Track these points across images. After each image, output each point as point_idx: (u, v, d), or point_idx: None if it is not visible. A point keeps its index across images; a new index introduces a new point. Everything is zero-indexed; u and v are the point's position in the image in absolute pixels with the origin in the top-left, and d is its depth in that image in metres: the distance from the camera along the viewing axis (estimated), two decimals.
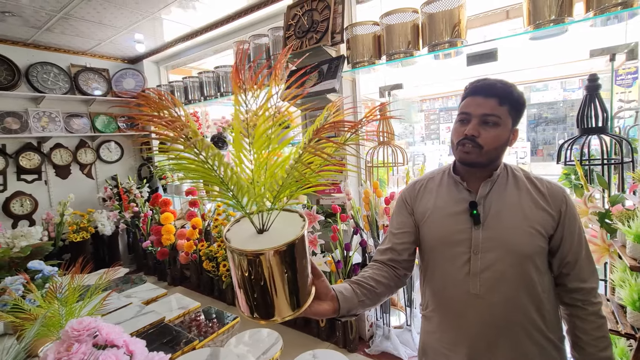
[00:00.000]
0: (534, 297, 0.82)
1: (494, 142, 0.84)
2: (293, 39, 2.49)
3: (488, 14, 3.19)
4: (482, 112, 0.83)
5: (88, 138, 4.02)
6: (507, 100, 0.84)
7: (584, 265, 0.84)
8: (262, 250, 0.60)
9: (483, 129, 0.84)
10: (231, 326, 1.82)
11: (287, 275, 0.63)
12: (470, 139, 0.84)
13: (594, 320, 0.83)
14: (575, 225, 0.85)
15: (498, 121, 0.83)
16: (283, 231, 0.68)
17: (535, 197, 0.85)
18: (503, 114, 0.83)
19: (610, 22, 1.61)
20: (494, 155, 0.86)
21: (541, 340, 0.83)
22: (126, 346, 1.04)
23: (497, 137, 0.84)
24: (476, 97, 0.86)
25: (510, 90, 0.85)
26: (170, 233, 3.28)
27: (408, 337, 2.09)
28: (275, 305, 0.63)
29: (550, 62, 4.97)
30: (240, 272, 0.63)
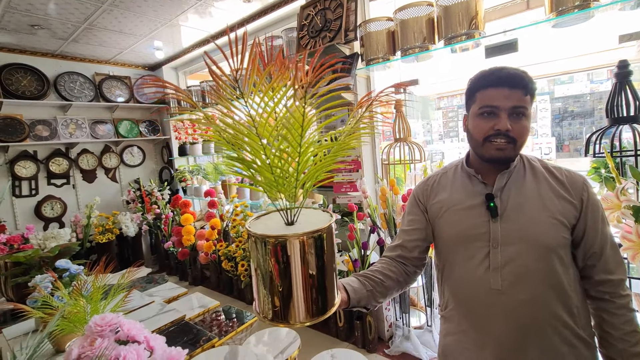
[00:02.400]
0: (561, 291, 0.78)
1: (525, 134, 0.82)
2: (307, 39, 2.49)
3: (507, 5, 3.09)
4: (511, 104, 0.80)
5: (112, 143, 4.17)
6: (530, 91, 0.81)
7: (610, 256, 0.80)
8: (288, 236, 0.55)
9: (514, 122, 0.81)
10: (250, 324, 1.83)
11: (314, 269, 0.57)
12: (505, 134, 0.80)
13: (624, 313, 0.79)
14: (598, 214, 0.81)
15: (525, 112, 0.81)
16: (311, 223, 0.64)
17: (555, 187, 0.82)
18: (528, 104, 0.81)
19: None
20: (522, 147, 0.84)
21: (571, 338, 0.78)
22: (147, 342, 1.06)
23: (527, 128, 0.82)
24: (501, 88, 0.81)
25: (531, 80, 0.82)
26: (190, 234, 3.35)
27: (429, 338, 2.04)
28: (298, 306, 0.57)
29: (575, 53, 4.76)
30: (262, 264, 0.58)
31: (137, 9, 2.77)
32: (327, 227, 0.60)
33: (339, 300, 0.65)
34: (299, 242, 0.56)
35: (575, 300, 0.80)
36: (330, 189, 2.45)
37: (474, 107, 0.85)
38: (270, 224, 0.68)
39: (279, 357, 1.52)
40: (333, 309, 0.62)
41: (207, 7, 2.85)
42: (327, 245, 0.60)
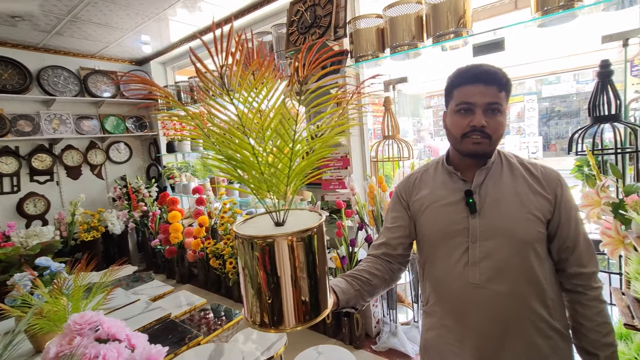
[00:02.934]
0: (536, 284, 0.80)
1: (500, 130, 0.83)
2: (296, 35, 2.47)
3: (496, 5, 3.12)
4: (486, 100, 0.81)
5: (98, 139, 4.09)
6: (505, 87, 0.83)
7: (583, 250, 0.83)
8: (276, 236, 0.53)
9: (489, 118, 0.82)
10: (236, 322, 1.82)
11: (305, 271, 0.55)
12: (480, 130, 0.81)
13: (596, 305, 0.82)
14: (571, 209, 0.84)
15: (500, 108, 0.82)
16: (300, 223, 0.62)
17: (531, 182, 0.84)
18: (503, 100, 0.83)
19: (624, 5, 1.55)
20: (497, 143, 0.85)
21: (547, 330, 0.80)
22: (128, 340, 1.04)
23: (502, 124, 0.83)
24: (477, 85, 0.82)
25: (506, 76, 0.84)
26: (177, 231, 3.31)
27: (415, 334, 2.05)
28: (289, 311, 0.55)
29: (562, 54, 4.85)
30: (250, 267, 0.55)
31: (122, 2, 2.71)
32: (318, 227, 0.58)
33: (331, 302, 0.64)
34: (287, 242, 0.54)
35: (550, 293, 0.82)
36: (318, 186, 2.44)
37: (451, 104, 0.87)
38: (258, 225, 0.65)
39: (266, 354, 1.51)
40: (326, 311, 0.60)
41: (196, 1, 2.81)
42: (318, 246, 0.58)
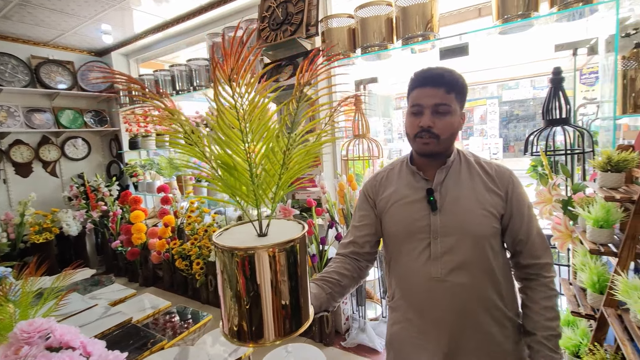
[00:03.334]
0: (492, 276, 0.85)
1: (449, 129, 0.86)
2: (267, 31, 2.44)
3: (461, 11, 3.26)
4: (433, 102, 0.84)
5: (52, 134, 3.80)
6: (454, 88, 0.86)
7: (536, 243, 0.87)
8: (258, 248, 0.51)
9: (437, 119, 0.85)
10: (203, 324, 1.77)
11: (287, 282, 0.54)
12: (427, 130, 0.85)
13: (544, 290, 0.86)
14: (523, 204, 0.88)
15: (449, 109, 0.85)
16: (282, 234, 0.61)
17: (486, 180, 0.89)
18: (452, 101, 0.85)
19: (574, 18, 1.67)
20: (449, 142, 0.89)
21: (502, 319, 0.85)
22: (83, 347, 0.98)
23: (451, 124, 0.86)
24: (425, 87, 0.86)
25: (455, 77, 0.87)
26: (141, 232, 3.15)
27: (384, 329, 2.09)
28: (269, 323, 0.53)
29: (520, 61, 5.16)
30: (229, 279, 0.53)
31: None
32: (300, 238, 0.56)
33: (312, 313, 0.63)
34: (269, 254, 0.52)
35: (504, 284, 0.86)
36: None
37: (408, 107, 0.92)
38: (239, 236, 0.62)
39: (234, 355, 1.48)
40: (307, 323, 0.58)
41: None
42: (300, 257, 0.57)
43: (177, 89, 3.36)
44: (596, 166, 1.12)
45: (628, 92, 1.50)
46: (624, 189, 1.07)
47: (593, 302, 1.11)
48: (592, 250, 1.05)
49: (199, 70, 3.15)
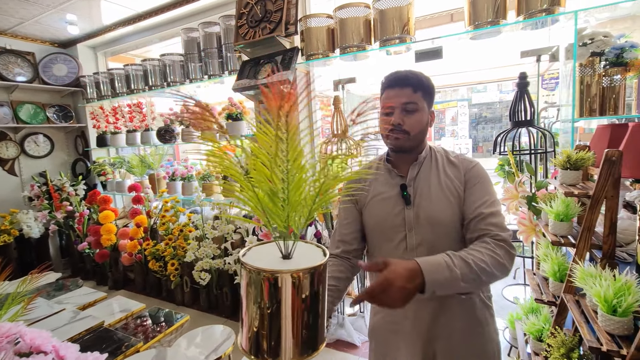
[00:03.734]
0: None
1: (417, 125, 0.93)
2: (245, 28, 2.41)
3: (435, 16, 3.39)
4: (402, 101, 0.92)
5: (9, 130, 3.55)
6: (420, 87, 0.92)
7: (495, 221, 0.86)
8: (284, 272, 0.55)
9: (406, 117, 0.92)
10: (180, 325, 1.73)
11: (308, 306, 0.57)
12: (397, 127, 0.92)
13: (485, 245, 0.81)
14: (479, 180, 0.91)
15: (416, 107, 0.92)
16: (305, 256, 0.63)
17: (452, 170, 0.95)
18: (419, 99, 0.93)
19: (537, 27, 1.78)
20: (420, 138, 0.95)
21: (477, 300, 0.93)
22: (56, 352, 0.94)
23: (419, 121, 0.93)
24: (394, 88, 0.94)
25: (420, 77, 0.94)
26: (110, 233, 3.02)
27: (361, 324, 2.15)
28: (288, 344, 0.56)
29: (488, 66, 5.42)
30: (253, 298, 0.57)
31: None
32: (324, 264, 0.59)
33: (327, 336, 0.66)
34: (294, 278, 0.55)
35: None
36: None
37: (380, 108, 0.97)
38: (263, 255, 0.65)
39: (212, 355, 1.46)
40: (322, 345, 0.61)
41: None
42: (321, 282, 0.60)
43: (150, 85, 3.25)
44: (557, 164, 1.21)
45: (584, 97, 1.63)
46: (581, 185, 1.16)
47: (554, 289, 1.20)
48: (553, 242, 1.13)
49: (173, 66, 3.06)
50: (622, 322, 0.85)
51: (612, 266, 0.98)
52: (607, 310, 0.86)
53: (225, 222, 2.46)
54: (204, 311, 2.59)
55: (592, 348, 0.85)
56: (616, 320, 0.85)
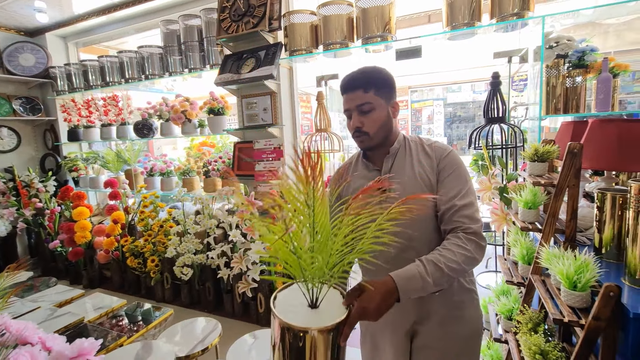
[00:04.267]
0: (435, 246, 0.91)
1: (376, 124, 0.95)
2: (228, 22, 2.40)
3: (413, 17, 3.50)
4: (355, 104, 0.94)
5: None
6: (370, 85, 0.94)
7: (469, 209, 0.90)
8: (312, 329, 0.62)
9: (363, 118, 0.95)
10: (164, 319, 1.72)
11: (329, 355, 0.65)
12: (357, 130, 0.95)
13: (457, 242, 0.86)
14: (453, 169, 0.93)
15: (371, 106, 0.94)
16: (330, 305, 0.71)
17: (425, 158, 0.97)
18: (372, 98, 0.94)
19: (509, 30, 1.90)
20: (383, 134, 0.97)
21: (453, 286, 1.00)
22: (42, 343, 0.93)
23: (377, 119, 0.95)
24: (347, 93, 0.96)
25: (370, 75, 0.95)
26: (85, 230, 2.92)
27: None
28: None
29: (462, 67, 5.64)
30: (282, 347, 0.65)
31: None
32: (344, 320, 0.67)
33: None
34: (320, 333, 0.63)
35: None
36: (251, 177, 2.43)
37: None
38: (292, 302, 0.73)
39: (199, 347, 1.47)
40: None
41: None
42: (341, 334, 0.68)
43: (126, 77, 3.15)
44: (526, 157, 1.31)
45: (550, 96, 1.76)
46: (547, 176, 1.27)
47: (523, 272, 1.31)
48: (522, 228, 1.23)
49: (152, 58, 2.99)
50: (581, 296, 0.94)
51: (573, 248, 1.09)
52: (569, 286, 0.96)
53: (208, 217, 2.45)
54: (185, 307, 2.57)
55: (555, 320, 0.94)
56: (576, 295, 0.95)
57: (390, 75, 0.98)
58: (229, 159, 2.83)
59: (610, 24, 4.97)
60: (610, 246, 1.13)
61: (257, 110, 2.50)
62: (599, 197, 1.14)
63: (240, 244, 2.30)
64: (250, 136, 2.53)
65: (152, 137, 3.18)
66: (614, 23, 5.01)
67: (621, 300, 0.88)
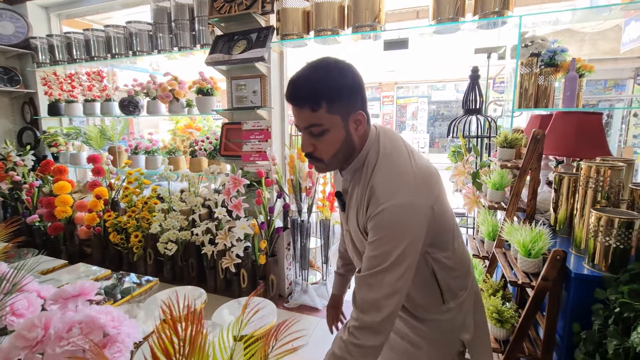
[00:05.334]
0: None
1: (331, 149, 0.75)
2: (221, 2, 2.41)
3: (402, 11, 3.60)
4: (303, 125, 0.74)
5: None
6: (321, 100, 0.70)
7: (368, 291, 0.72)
8: None
9: (315, 141, 0.75)
10: (149, 288, 1.76)
11: None
12: (309, 155, 0.77)
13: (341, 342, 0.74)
14: (375, 238, 0.72)
15: (322, 129, 0.72)
16: None
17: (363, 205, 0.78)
18: (323, 117, 0.71)
19: (490, 27, 2.02)
20: (341, 157, 0.78)
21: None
22: (37, 292, 0.98)
23: (332, 143, 0.74)
24: (294, 106, 0.73)
25: (319, 86, 0.70)
26: (66, 205, 2.89)
27: (323, 291, 2.32)
28: None
29: (447, 65, 5.81)
30: None
31: None
32: None
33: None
34: None
35: None
36: (238, 157, 2.48)
37: None
38: None
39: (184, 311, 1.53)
40: None
41: None
42: None
43: (113, 53, 3.10)
44: (497, 143, 1.43)
45: (523, 91, 1.90)
46: (514, 161, 1.40)
47: (488, 247, 1.44)
48: (489, 207, 1.36)
49: (140, 35, 2.95)
50: (534, 262, 1.07)
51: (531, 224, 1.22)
52: (524, 254, 1.09)
53: (194, 195, 2.48)
54: (168, 282, 2.61)
55: (511, 282, 1.07)
56: (530, 261, 1.08)
57: (349, 77, 0.73)
58: (216, 139, 2.86)
59: (586, 32, 5.24)
60: (564, 224, 1.27)
61: (247, 93, 2.53)
62: (556, 180, 1.27)
63: (225, 222, 2.35)
64: (239, 117, 2.57)
65: (138, 114, 3.15)
66: (589, 32, 5.29)
67: (566, 264, 1.02)
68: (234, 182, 2.14)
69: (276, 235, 2.25)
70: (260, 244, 2.17)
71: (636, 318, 0.79)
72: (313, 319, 2.13)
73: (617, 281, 0.92)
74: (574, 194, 1.21)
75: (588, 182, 1.10)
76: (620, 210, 1.03)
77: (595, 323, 0.91)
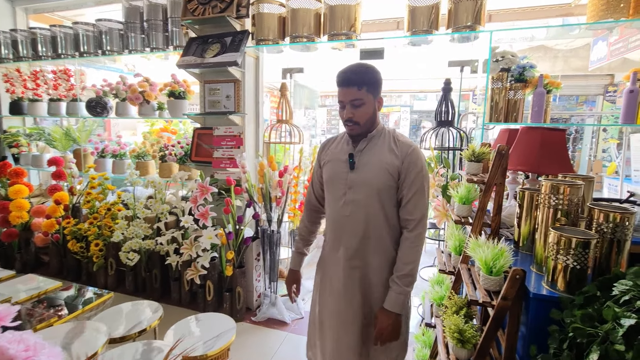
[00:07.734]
0: (384, 215, 1.17)
1: (365, 116, 1.16)
2: (195, 4, 2.34)
3: (383, 22, 3.62)
4: (349, 99, 1.13)
5: None
6: (364, 83, 1.12)
7: (414, 201, 1.14)
8: None
9: (355, 110, 1.14)
10: (102, 302, 1.65)
11: None
12: (349, 120, 1.15)
13: (407, 245, 1.15)
14: (413, 169, 1.14)
15: (362, 102, 1.13)
16: None
17: (392, 147, 1.18)
18: (363, 95, 1.13)
19: (463, 41, 2.04)
20: (369, 124, 1.18)
21: (389, 244, 1.19)
22: None
23: (366, 112, 1.15)
24: (342, 87, 1.14)
25: (364, 74, 1.12)
26: (22, 210, 2.71)
27: (293, 304, 2.24)
28: None
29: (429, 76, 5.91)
30: None
31: None
32: None
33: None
34: None
35: (393, 221, 1.19)
36: (208, 164, 2.39)
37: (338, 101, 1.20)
38: None
39: (136, 328, 1.43)
40: None
41: None
42: None
43: (81, 51, 2.97)
44: (465, 157, 1.42)
45: (494, 105, 1.91)
46: (481, 175, 1.39)
47: (455, 262, 1.41)
48: (456, 221, 1.34)
49: (111, 34, 2.84)
50: (496, 280, 1.05)
51: (497, 240, 1.20)
52: (486, 271, 1.06)
53: (161, 202, 2.37)
54: (130, 294, 2.47)
55: (472, 301, 1.04)
56: (492, 279, 1.05)
57: (378, 73, 1.16)
58: (187, 144, 2.76)
59: (559, 49, 5.45)
60: (527, 239, 1.26)
61: (220, 97, 2.46)
62: (520, 195, 1.26)
63: (192, 231, 2.25)
64: (211, 122, 2.49)
65: (106, 116, 3.02)
66: (562, 49, 5.50)
67: (526, 283, 0.99)
68: (201, 190, 2.06)
69: (244, 245, 2.16)
70: (228, 254, 2.08)
71: (589, 344, 0.77)
72: (280, 334, 2.04)
73: (572, 303, 0.90)
74: (536, 210, 1.20)
75: (548, 199, 1.09)
76: (578, 230, 1.02)
77: (552, 347, 0.89)
